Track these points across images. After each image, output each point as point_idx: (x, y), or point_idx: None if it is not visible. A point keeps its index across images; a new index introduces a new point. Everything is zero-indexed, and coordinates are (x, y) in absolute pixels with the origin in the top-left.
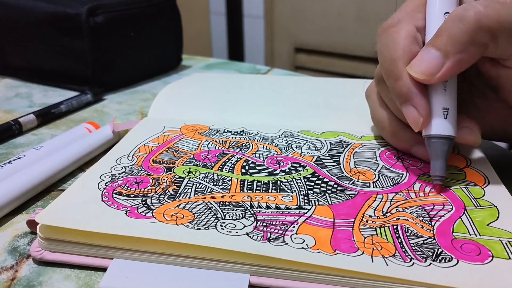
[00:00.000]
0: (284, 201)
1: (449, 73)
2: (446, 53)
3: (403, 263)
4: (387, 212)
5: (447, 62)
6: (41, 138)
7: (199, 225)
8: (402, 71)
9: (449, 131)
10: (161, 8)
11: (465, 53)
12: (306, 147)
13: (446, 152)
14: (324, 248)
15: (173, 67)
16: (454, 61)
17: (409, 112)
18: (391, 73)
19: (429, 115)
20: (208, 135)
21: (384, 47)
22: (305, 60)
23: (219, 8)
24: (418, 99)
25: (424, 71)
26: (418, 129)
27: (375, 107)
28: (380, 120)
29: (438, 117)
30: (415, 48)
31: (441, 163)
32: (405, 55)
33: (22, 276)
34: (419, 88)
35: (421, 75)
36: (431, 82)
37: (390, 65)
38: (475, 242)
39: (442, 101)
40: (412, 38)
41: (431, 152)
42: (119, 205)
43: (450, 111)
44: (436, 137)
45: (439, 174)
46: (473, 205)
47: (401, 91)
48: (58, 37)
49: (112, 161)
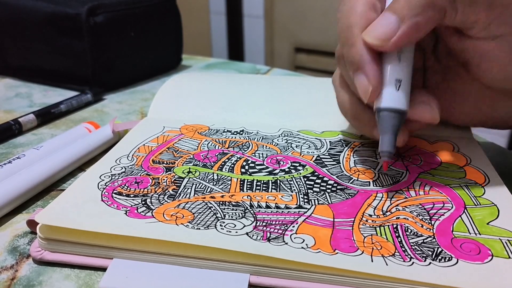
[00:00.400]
0: (284, 201)
1: (404, 38)
2: (402, 17)
3: (402, 263)
4: (387, 211)
5: (403, 26)
6: (41, 138)
7: (199, 225)
8: (356, 37)
9: (400, 104)
10: (161, 8)
11: (422, 16)
12: (306, 146)
13: (396, 126)
14: (323, 247)
15: (173, 67)
16: (409, 24)
17: (359, 81)
18: (346, 40)
19: (379, 85)
20: (208, 135)
21: (343, 13)
22: (305, 60)
23: (219, 8)
24: (369, 67)
25: (378, 35)
26: (367, 99)
27: (337, 90)
28: (342, 103)
29: (390, 89)
30: (372, 15)
31: (389, 138)
32: (361, 21)
33: (22, 276)
34: (372, 56)
35: (375, 39)
36: (385, 49)
37: (346, 32)
38: (475, 241)
39: (395, 72)
40: (370, 4)
41: (380, 126)
42: (118, 205)
43: (403, 83)
44: (386, 109)
45: (386, 149)
46: (473, 204)
47: (354, 58)
48: (58, 37)
49: (112, 161)
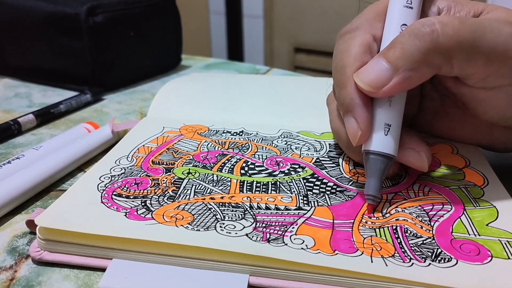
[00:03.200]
0: (283, 202)
1: (396, 89)
2: (396, 68)
3: (402, 264)
4: (386, 212)
5: (396, 77)
6: (40, 138)
7: (199, 226)
8: (348, 79)
9: (388, 149)
10: (161, 8)
11: (416, 71)
12: (305, 148)
13: (382, 171)
14: (323, 248)
15: (173, 67)
16: (403, 77)
17: (349, 124)
18: (338, 81)
19: (369, 130)
20: (208, 135)
21: (337, 53)
22: (304, 60)
23: (218, 8)
24: (360, 111)
25: (370, 82)
26: (355, 143)
27: (332, 117)
28: (336, 130)
29: (379, 133)
30: (367, 57)
31: (375, 182)
32: (355, 63)
33: (21, 276)
34: (363, 100)
35: (366, 86)
36: (376, 95)
37: (339, 73)
38: (475, 242)
39: (385, 117)
40: (366, 47)
41: (366, 169)
42: (118, 207)
43: (392, 128)
44: (374, 153)
45: (371, 193)
46: (472, 205)
47: (345, 100)
48: (58, 36)
49: (111, 162)
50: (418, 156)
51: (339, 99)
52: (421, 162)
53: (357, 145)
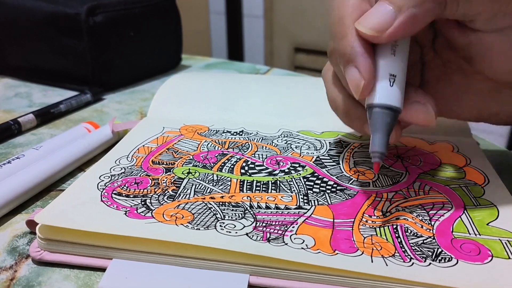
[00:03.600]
0: (283, 201)
1: (401, 30)
2: (399, 7)
3: (402, 263)
4: (386, 211)
5: (400, 17)
6: (41, 138)
7: (199, 225)
8: (348, 28)
9: (393, 101)
10: (161, 8)
11: (420, 8)
12: (305, 147)
13: (389, 125)
14: (323, 248)
15: (173, 67)
16: (407, 16)
17: (350, 74)
18: (337, 32)
19: (372, 79)
20: (208, 135)
21: (334, 5)
22: (304, 60)
23: (218, 8)
24: (362, 59)
25: (373, 26)
26: (359, 94)
27: (328, 85)
28: (333, 98)
29: (383, 84)
30: (366, 6)
31: (381, 137)
32: (354, 12)
33: (21, 276)
34: (365, 48)
35: (369, 30)
36: (380, 40)
37: (337, 24)
38: (475, 241)
39: (389, 66)
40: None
41: (371, 124)
42: (118, 205)
43: (397, 79)
44: (378, 106)
45: (378, 150)
46: (473, 204)
47: (345, 50)
48: (58, 36)
49: (111, 161)
50: (425, 110)
51: (339, 50)
52: (428, 115)
53: (361, 98)
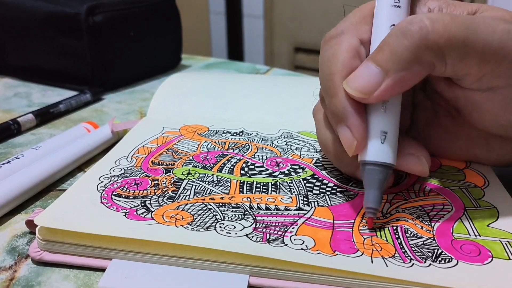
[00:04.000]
0: (283, 203)
1: (388, 93)
2: (386, 70)
3: (402, 264)
4: (386, 213)
5: (387, 80)
6: (40, 138)
7: (198, 226)
8: (338, 87)
9: (386, 158)
10: (161, 8)
11: (408, 71)
12: (305, 149)
13: (382, 181)
14: (323, 249)
15: (173, 67)
16: (394, 79)
17: (343, 134)
18: (327, 90)
19: (365, 139)
20: (208, 136)
21: (324, 60)
22: (304, 60)
23: (218, 8)
24: (353, 120)
25: (360, 88)
26: (352, 153)
27: (319, 127)
28: (324, 142)
29: (375, 142)
30: (356, 63)
31: (375, 194)
32: (344, 70)
33: (21, 276)
34: (356, 108)
35: (357, 92)
36: (368, 101)
37: (327, 81)
38: (475, 242)
39: (380, 124)
40: (354, 51)
41: (364, 180)
42: (118, 207)
43: (389, 135)
44: (371, 163)
45: (372, 206)
46: (473, 206)
47: (336, 109)
48: (57, 36)
49: (111, 162)
50: (418, 162)
51: (330, 108)
52: (422, 167)
53: (353, 155)
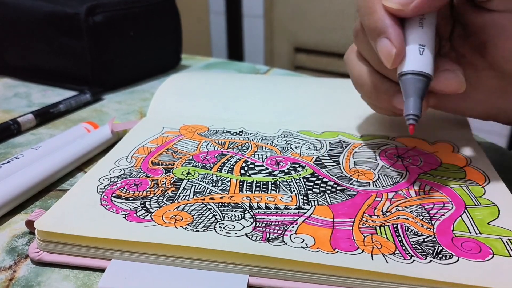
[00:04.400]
0: (283, 202)
1: (424, 4)
2: None
3: (403, 260)
4: (387, 211)
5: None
6: (40, 138)
7: (198, 227)
8: (376, 4)
9: (424, 68)
10: (160, 8)
11: None
12: (305, 147)
13: (421, 90)
14: (323, 247)
15: (173, 67)
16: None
17: (382, 45)
18: (366, 9)
19: (403, 47)
20: (207, 135)
21: None
22: (304, 60)
23: (218, 8)
24: (392, 30)
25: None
26: (391, 62)
27: (353, 64)
28: (359, 75)
29: (413, 53)
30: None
31: (415, 101)
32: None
33: (21, 276)
34: (395, 21)
35: (394, 4)
36: (405, 14)
37: (365, 1)
38: (476, 240)
39: (418, 37)
40: None
41: (404, 91)
42: (118, 209)
43: (426, 48)
44: (410, 73)
45: (412, 112)
46: (474, 204)
47: (376, 24)
48: (57, 36)
49: (111, 163)
50: (455, 76)
51: (369, 25)
52: (459, 81)
53: (392, 66)
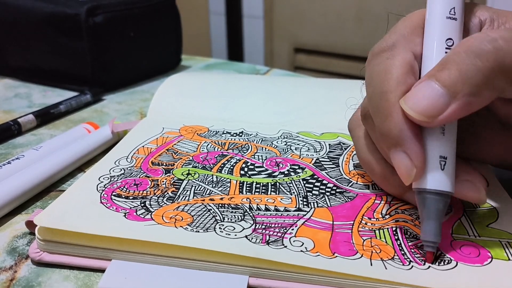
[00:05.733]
0: (283, 203)
1: (454, 117)
2: (454, 93)
3: (402, 266)
4: (386, 214)
5: (454, 104)
6: (40, 139)
7: (198, 227)
8: (393, 107)
9: (447, 187)
10: (161, 8)
11: (477, 96)
12: (305, 149)
13: (442, 211)
14: (323, 251)
15: (173, 67)
16: (462, 103)
17: (399, 160)
18: (380, 109)
19: (424, 165)
20: (207, 136)
21: (374, 76)
22: (304, 60)
23: (218, 8)
24: (412, 144)
25: (423, 110)
26: (410, 181)
27: (360, 146)
28: (367, 162)
29: (434, 168)
30: (411, 80)
31: (435, 226)
32: (399, 88)
33: (21, 277)
34: (414, 131)
35: (419, 115)
36: (430, 125)
37: (379, 99)
38: (474, 243)
39: (439, 148)
40: (408, 67)
41: (422, 211)
42: (117, 207)
43: (448, 161)
44: (431, 192)
45: (432, 239)
46: (472, 207)
47: (391, 132)
48: (58, 37)
49: (111, 163)
50: (476, 189)
51: (382, 130)
52: (479, 195)
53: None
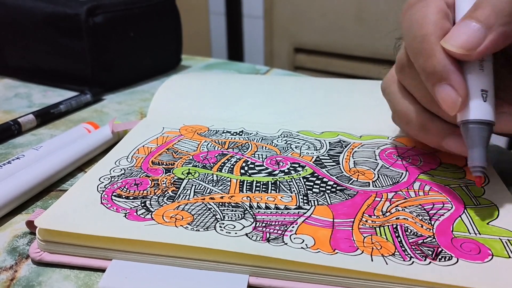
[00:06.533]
0: (283, 202)
1: (492, 47)
2: (489, 26)
3: (402, 262)
4: (386, 211)
5: (490, 35)
6: (41, 138)
7: (198, 226)
8: (435, 46)
9: (489, 116)
10: (161, 8)
11: (510, 25)
12: (305, 147)
13: (486, 139)
14: (323, 247)
15: (173, 67)
16: (498, 33)
17: (445, 93)
18: (422, 51)
19: (467, 96)
20: (207, 135)
21: (413, 22)
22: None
23: (218, 8)
24: (456, 76)
25: (463, 44)
26: (455, 111)
27: (396, 99)
28: (405, 112)
29: (477, 100)
30: (447, 24)
31: (481, 152)
32: (438, 30)
33: (22, 276)
34: (456, 66)
35: (459, 49)
36: (470, 58)
37: (420, 42)
38: (475, 241)
39: (480, 82)
40: (444, 13)
41: (468, 140)
42: (118, 208)
43: (489, 94)
44: (475, 122)
45: (480, 164)
46: (473, 204)
47: (435, 69)
48: (58, 37)
49: (111, 163)
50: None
51: (427, 69)
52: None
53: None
